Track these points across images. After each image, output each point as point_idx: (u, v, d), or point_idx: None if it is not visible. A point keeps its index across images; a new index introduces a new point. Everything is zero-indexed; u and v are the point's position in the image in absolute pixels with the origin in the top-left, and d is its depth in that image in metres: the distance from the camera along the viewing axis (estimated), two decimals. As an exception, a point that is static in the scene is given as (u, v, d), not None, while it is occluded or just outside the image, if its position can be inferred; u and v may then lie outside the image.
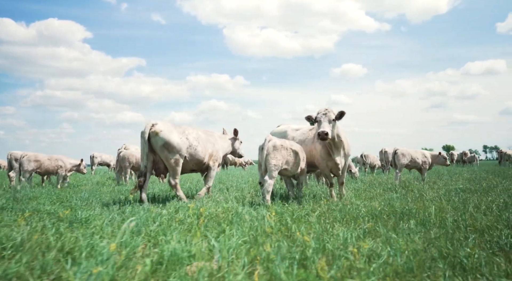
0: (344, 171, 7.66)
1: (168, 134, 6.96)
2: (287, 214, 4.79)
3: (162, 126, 7.01)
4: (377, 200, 6.87)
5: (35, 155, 12.02)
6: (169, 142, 6.93)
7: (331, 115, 6.66)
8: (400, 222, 4.43)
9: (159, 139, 6.90)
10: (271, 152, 6.62)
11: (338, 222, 4.52)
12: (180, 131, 7.24)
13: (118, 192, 8.73)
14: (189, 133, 7.39)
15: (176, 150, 7.02)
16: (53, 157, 12.32)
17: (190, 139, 7.30)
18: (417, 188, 8.83)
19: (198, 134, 7.59)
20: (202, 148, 7.52)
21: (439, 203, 6.04)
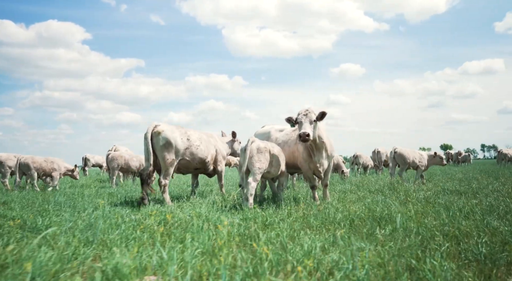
0: (328, 173, 7.47)
1: (170, 134, 7.22)
2: (258, 220, 4.59)
3: (164, 126, 7.31)
4: (361, 202, 6.69)
5: (32, 157, 12.07)
6: (169, 141, 7.16)
7: (312, 116, 6.46)
8: (377, 228, 4.24)
9: (161, 139, 7.16)
10: (255, 154, 6.43)
11: (311, 229, 4.33)
12: (182, 132, 7.49)
13: (97, 195, 8.50)
14: (191, 134, 7.65)
15: (175, 150, 7.23)
16: (49, 159, 12.42)
17: (191, 139, 7.57)
18: (405, 189, 8.64)
19: (200, 135, 7.89)
20: (204, 147, 7.80)
21: (422, 206, 5.85)
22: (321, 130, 6.87)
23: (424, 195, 7.46)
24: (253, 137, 6.72)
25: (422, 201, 6.76)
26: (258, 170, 6.39)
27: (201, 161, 7.77)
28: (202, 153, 7.72)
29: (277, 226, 4.42)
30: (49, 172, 12.21)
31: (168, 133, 7.19)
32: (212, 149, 8.05)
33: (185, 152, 7.43)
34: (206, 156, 7.82)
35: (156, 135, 7.16)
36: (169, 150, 7.15)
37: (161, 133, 7.13)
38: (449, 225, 4.40)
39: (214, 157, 8.13)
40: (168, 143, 7.13)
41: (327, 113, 6.69)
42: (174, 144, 7.19)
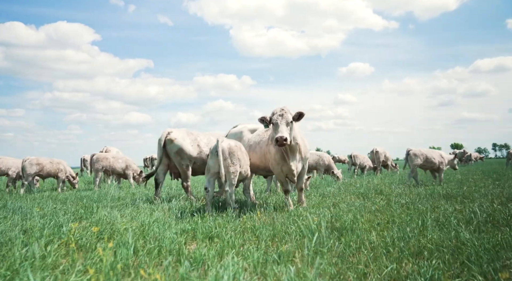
0: (302, 176, 6.99)
1: (182, 142, 7.90)
2: (199, 231, 4.14)
3: (176, 134, 7.95)
4: (336, 208, 6.21)
5: (37, 158, 12.13)
6: (182, 149, 7.88)
7: (288, 117, 5.96)
8: (330, 242, 3.76)
9: (174, 146, 7.88)
10: (228, 156, 5.99)
11: (257, 243, 3.86)
12: (192, 138, 8.09)
13: (55, 199, 8.10)
14: (200, 140, 8.19)
15: (187, 157, 7.93)
16: (55, 160, 12.57)
17: (201, 145, 8.14)
18: (387, 193, 8.11)
19: (209, 140, 8.33)
20: None
21: (397, 214, 5.34)
22: (296, 131, 6.39)
23: (406, 200, 6.92)
24: (222, 137, 6.28)
25: (404, 206, 6.25)
26: (233, 174, 5.98)
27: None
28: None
29: (222, 238, 3.97)
30: (55, 173, 12.38)
31: (180, 141, 7.89)
32: None
33: (197, 157, 8.03)
34: None
35: (169, 143, 7.89)
36: (182, 156, 7.89)
37: (174, 141, 7.83)
38: (413, 238, 3.90)
39: None
40: (181, 150, 7.86)
41: (305, 114, 6.22)
42: (186, 151, 7.89)
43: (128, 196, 8.77)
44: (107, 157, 12.60)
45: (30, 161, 12.06)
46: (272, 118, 6.01)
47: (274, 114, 6.01)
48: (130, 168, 12.99)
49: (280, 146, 5.77)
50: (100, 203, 7.35)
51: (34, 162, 12.05)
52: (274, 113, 6.03)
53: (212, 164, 6.02)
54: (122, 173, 12.93)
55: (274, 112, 6.06)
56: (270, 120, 6.08)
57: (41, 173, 12.20)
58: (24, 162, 12.06)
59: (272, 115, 6.04)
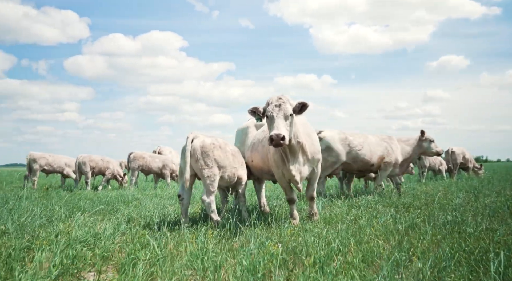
0: (313, 182, 5.63)
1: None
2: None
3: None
4: (343, 224, 4.79)
5: (89, 156, 12.58)
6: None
7: (287, 108, 4.65)
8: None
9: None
10: (200, 157, 4.95)
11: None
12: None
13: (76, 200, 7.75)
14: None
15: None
16: (105, 158, 12.92)
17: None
18: (442, 203, 6.27)
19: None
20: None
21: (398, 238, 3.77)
22: (298, 126, 5.08)
23: (456, 217, 5.13)
24: (195, 132, 5.20)
25: (440, 227, 4.58)
26: (209, 179, 4.91)
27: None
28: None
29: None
30: (104, 171, 12.71)
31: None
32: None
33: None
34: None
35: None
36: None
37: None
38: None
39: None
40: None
41: (309, 105, 4.90)
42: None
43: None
44: (143, 156, 12.39)
45: (84, 159, 12.41)
46: (266, 109, 4.73)
47: (269, 104, 4.71)
48: (168, 168, 12.62)
49: (275, 146, 4.47)
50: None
51: (87, 160, 12.40)
52: (269, 103, 4.72)
53: (182, 165, 5.00)
54: (159, 172, 12.63)
55: (269, 102, 4.76)
56: (264, 112, 4.86)
57: (94, 170, 12.52)
58: (78, 159, 12.42)
59: (267, 106, 4.75)
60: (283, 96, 4.80)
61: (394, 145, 8.43)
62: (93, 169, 12.44)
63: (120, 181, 13.01)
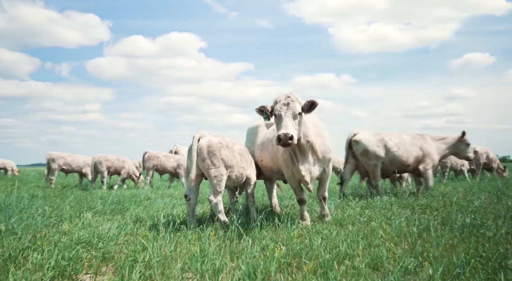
0: (324, 182, 5.46)
1: (366, 143, 7.93)
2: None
3: (361, 135, 7.99)
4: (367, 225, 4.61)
5: (105, 156, 12.74)
6: (366, 149, 7.90)
7: (296, 107, 4.48)
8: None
9: (359, 147, 7.98)
10: (206, 156, 4.86)
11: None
12: (378, 138, 7.97)
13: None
14: (389, 139, 8.02)
15: (374, 156, 7.88)
16: (121, 158, 13.06)
17: (389, 145, 7.98)
18: (460, 205, 5.98)
19: (401, 139, 8.11)
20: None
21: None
22: (308, 125, 4.91)
23: (475, 220, 4.86)
24: (201, 131, 5.11)
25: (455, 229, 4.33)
26: (216, 179, 4.81)
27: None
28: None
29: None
30: (120, 170, 12.85)
31: (365, 142, 7.94)
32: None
33: (384, 156, 7.94)
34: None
35: (354, 144, 8.06)
36: (368, 156, 7.93)
37: (359, 142, 7.97)
38: None
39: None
40: (366, 151, 7.92)
41: (318, 103, 4.73)
42: (371, 151, 7.87)
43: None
44: (158, 156, 12.43)
45: (100, 158, 12.57)
46: (274, 108, 4.56)
47: (277, 103, 4.54)
48: (182, 167, 12.62)
49: (283, 145, 4.32)
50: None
51: (103, 159, 12.56)
52: (277, 101, 4.56)
53: (189, 164, 4.92)
54: (174, 172, 12.65)
55: (277, 100, 4.59)
56: (271, 111, 4.71)
57: (110, 168, 12.66)
58: (94, 159, 12.59)
59: (275, 104, 4.58)
60: (292, 94, 4.63)
61: (429, 144, 8.24)
62: (108, 168, 12.58)
63: (136, 180, 13.11)
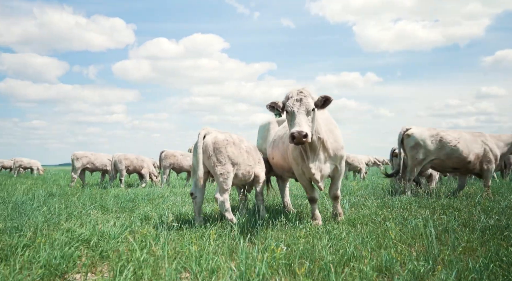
0: (337, 181, 5.23)
1: (418, 137, 7.85)
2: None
3: (414, 130, 7.92)
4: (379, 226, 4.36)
5: (124, 155, 12.86)
6: (418, 144, 7.82)
7: (309, 103, 4.28)
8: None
9: (410, 141, 7.91)
10: (212, 154, 4.73)
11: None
12: (433, 134, 7.86)
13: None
14: (445, 135, 7.88)
15: (425, 151, 7.77)
16: (140, 157, 13.11)
17: (445, 140, 7.80)
18: (487, 207, 5.60)
19: (460, 136, 7.93)
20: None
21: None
22: (320, 121, 4.69)
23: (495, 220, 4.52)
24: (207, 127, 4.98)
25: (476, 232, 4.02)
26: (222, 176, 4.68)
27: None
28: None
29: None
30: (139, 169, 12.88)
31: (417, 136, 7.87)
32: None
33: (436, 152, 7.80)
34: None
35: (406, 138, 7.98)
36: (418, 150, 7.82)
37: (410, 136, 7.91)
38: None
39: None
40: (417, 144, 7.84)
41: (332, 99, 4.52)
42: (422, 146, 7.77)
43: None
44: (175, 154, 12.45)
45: (119, 157, 12.68)
46: (286, 104, 4.35)
47: (290, 98, 4.34)
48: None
49: (297, 144, 4.14)
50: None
51: (122, 158, 12.64)
52: (290, 97, 4.35)
53: (195, 162, 4.79)
54: (190, 170, 12.64)
55: (289, 95, 4.39)
56: (283, 107, 4.51)
57: (129, 167, 12.76)
58: (114, 158, 12.73)
59: (287, 100, 4.38)
60: (304, 89, 4.43)
61: (490, 141, 8.05)
62: (127, 167, 12.67)
63: (154, 179, 13.19)
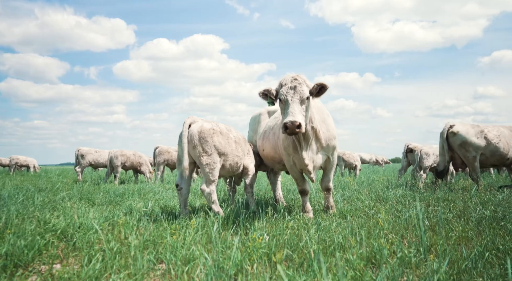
0: (329, 172, 5.04)
1: (465, 134, 7.74)
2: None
3: (459, 127, 7.81)
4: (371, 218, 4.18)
5: (121, 150, 12.64)
6: (465, 141, 7.72)
7: (303, 90, 4.06)
8: None
9: (457, 139, 7.79)
10: (198, 143, 4.52)
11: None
12: (477, 130, 7.80)
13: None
14: (488, 131, 7.83)
15: (473, 148, 7.69)
16: (137, 153, 12.86)
17: (489, 137, 7.74)
18: (484, 200, 5.43)
19: (499, 132, 7.94)
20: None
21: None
22: (313, 110, 4.47)
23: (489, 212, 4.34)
24: (193, 116, 4.78)
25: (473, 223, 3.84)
26: (208, 167, 4.47)
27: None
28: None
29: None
30: (137, 166, 12.66)
31: (463, 133, 7.75)
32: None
33: (483, 148, 7.72)
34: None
35: (451, 136, 7.84)
36: (467, 148, 7.72)
37: (456, 134, 7.79)
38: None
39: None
40: (464, 142, 7.72)
41: (328, 87, 4.32)
42: (469, 143, 7.69)
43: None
44: (169, 150, 12.24)
45: (115, 153, 12.44)
46: (280, 92, 4.13)
47: (283, 86, 4.12)
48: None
49: (290, 134, 3.94)
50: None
51: (119, 154, 12.40)
52: (283, 84, 4.13)
53: (180, 152, 4.60)
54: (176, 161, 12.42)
55: (282, 82, 4.17)
56: (276, 94, 4.26)
57: (126, 164, 12.51)
58: (110, 154, 12.48)
59: (280, 87, 4.16)
60: (299, 76, 4.20)
61: None
62: (124, 163, 12.41)
63: (149, 176, 12.98)
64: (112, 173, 12.52)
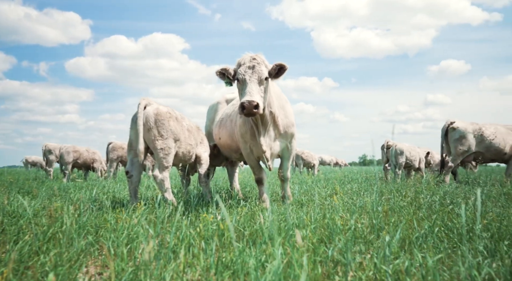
0: (286, 160, 4.98)
1: (463, 130, 8.32)
2: None
3: (459, 123, 8.45)
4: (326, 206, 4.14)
5: (73, 146, 11.91)
6: (463, 136, 8.33)
7: (262, 70, 3.96)
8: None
9: (455, 134, 8.51)
10: (153, 125, 4.27)
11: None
12: (475, 128, 8.29)
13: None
14: (486, 129, 8.28)
15: (469, 144, 8.30)
16: (91, 150, 12.25)
17: (485, 134, 8.27)
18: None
19: (496, 129, 8.32)
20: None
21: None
22: (272, 94, 4.37)
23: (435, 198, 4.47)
24: (147, 98, 4.53)
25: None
26: (163, 152, 4.24)
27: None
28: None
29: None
30: (90, 162, 12.06)
31: (461, 129, 8.38)
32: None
33: (476, 144, 8.35)
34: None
35: (451, 131, 8.49)
36: (463, 143, 8.38)
37: (456, 129, 8.42)
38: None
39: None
40: (462, 137, 8.39)
41: (287, 68, 4.20)
42: (467, 138, 8.30)
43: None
44: (123, 146, 11.73)
45: (67, 148, 11.72)
46: (237, 71, 4.01)
47: (241, 65, 4.01)
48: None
49: (247, 115, 3.78)
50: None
51: (71, 149, 11.70)
52: (242, 64, 4.02)
53: (133, 136, 4.35)
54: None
55: (241, 62, 4.05)
56: (234, 74, 4.15)
57: (78, 160, 11.85)
58: (61, 150, 11.79)
59: (238, 67, 4.05)
60: (258, 56, 4.09)
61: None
62: (76, 159, 11.71)
63: (103, 174, 12.40)
64: (62, 170, 11.78)
